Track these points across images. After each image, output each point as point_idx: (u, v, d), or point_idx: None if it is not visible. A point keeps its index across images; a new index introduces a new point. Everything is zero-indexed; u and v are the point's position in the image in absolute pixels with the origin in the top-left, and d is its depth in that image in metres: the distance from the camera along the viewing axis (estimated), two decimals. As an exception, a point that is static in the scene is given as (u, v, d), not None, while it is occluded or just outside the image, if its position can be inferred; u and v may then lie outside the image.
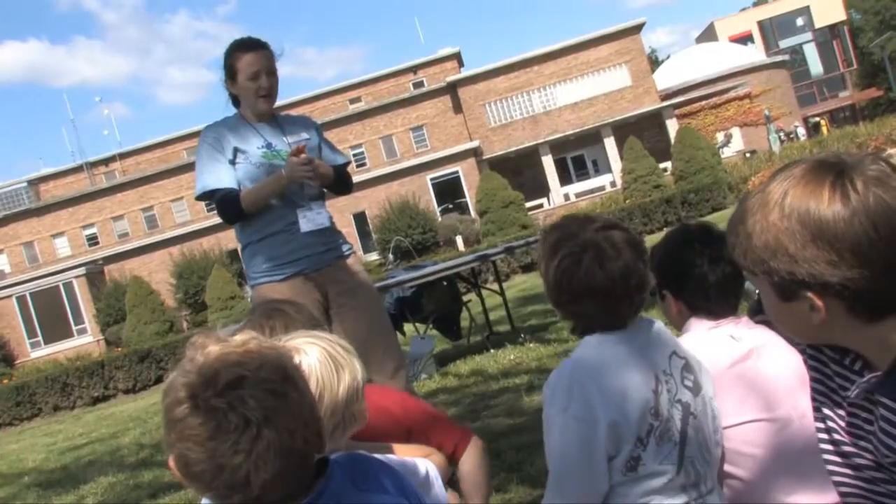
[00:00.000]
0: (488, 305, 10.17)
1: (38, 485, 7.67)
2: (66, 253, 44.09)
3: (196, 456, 1.30)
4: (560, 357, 6.68)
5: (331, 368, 1.88)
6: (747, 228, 1.46)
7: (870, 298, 1.39)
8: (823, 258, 1.37)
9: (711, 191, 25.96)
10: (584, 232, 2.03)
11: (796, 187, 1.41)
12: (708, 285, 2.30)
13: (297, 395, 1.36)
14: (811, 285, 1.40)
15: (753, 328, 2.32)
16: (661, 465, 1.99)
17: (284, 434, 1.32)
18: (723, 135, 41.36)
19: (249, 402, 1.30)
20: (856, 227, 1.34)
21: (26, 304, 37.66)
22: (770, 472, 2.16)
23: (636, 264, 2.01)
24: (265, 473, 1.32)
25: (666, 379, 2.03)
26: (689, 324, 2.37)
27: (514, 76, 42.89)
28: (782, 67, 49.13)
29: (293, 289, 3.77)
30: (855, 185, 1.36)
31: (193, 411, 1.30)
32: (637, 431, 1.96)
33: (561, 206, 37.96)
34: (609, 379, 1.99)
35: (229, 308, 28.24)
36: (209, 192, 3.82)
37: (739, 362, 2.23)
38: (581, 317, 2.09)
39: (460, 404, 6.05)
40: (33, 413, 22.30)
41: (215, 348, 1.35)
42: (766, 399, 2.19)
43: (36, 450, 11.31)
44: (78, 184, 50.40)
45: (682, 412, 2.04)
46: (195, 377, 1.32)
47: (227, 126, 3.89)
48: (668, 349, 2.10)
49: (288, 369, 1.38)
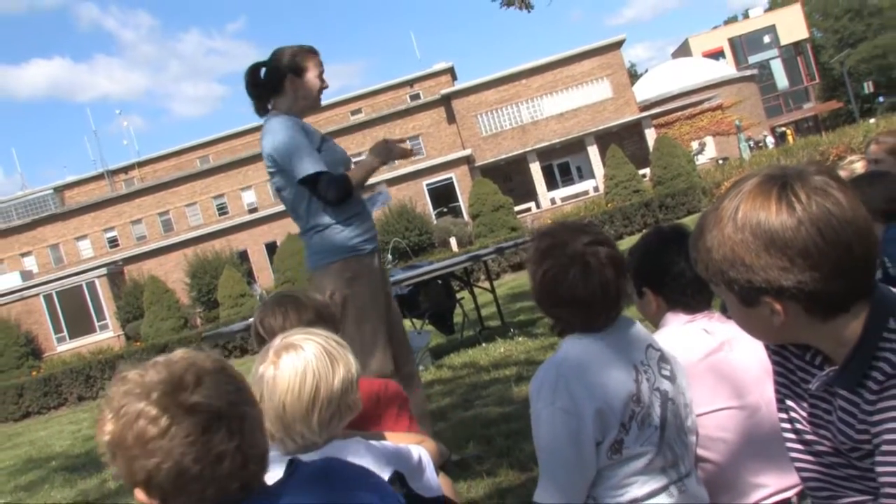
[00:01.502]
0: (480, 302, 10.18)
1: (64, 469, 7.66)
2: (89, 254, 44.01)
3: (193, 457, 1.26)
4: (546, 350, 6.69)
5: (326, 362, 1.89)
6: (706, 243, 1.48)
7: (822, 299, 1.41)
8: (776, 265, 1.39)
9: (687, 195, 25.96)
10: (574, 243, 2.05)
11: (746, 202, 1.43)
12: (685, 281, 2.31)
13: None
14: (768, 291, 1.42)
15: (725, 322, 2.33)
16: (643, 447, 2.01)
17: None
18: (697, 143, 41.38)
19: (214, 395, 1.30)
20: (803, 234, 1.37)
21: (53, 302, 37.58)
22: (740, 455, 2.17)
23: (616, 280, 2.05)
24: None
25: (644, 369, 2.05)
26: (666, 319, 2.38)
27: (503, 89, 42.87)
28: (751, 81, 49.21)
29: (375, 261, 3.98)
30: (798, 196, 1.39)
31: (176, 417, 1.26)
32: (621, 417, 1.98)
33: (547, 209, 37.95)
34: (592, 373, 2.01)
35: (239, 305, 28.16)
36: (318, 173, 3.83)
37: (712, 354, 2.24)
38: (561, 319, 2.13)
39: (454, 394, 6.04)
40: (59, 402, 22.34)
41: (147, 371, 1.32)
42: (736, 388, 2.20)
43: (62, 437, 11.28)
44: (99, 190, 50.30)
45: (661, 399, 2.05)
46: (160, 388, 1.28)
47: (297, 123, 3.95)
48: (645, 343, 2.13)
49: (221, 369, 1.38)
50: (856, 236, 1.37)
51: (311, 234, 3.94)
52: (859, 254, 1.39)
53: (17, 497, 6.76)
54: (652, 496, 2.02)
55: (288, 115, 3.94)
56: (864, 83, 68.51)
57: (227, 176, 44.22)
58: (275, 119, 3.93)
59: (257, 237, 39.42)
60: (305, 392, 1.86)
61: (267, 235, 38.78)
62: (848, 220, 1.37)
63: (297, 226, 4.05)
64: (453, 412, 5.31)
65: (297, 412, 1.87)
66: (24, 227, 44.94)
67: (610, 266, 2.03)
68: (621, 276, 2.06)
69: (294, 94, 3.96)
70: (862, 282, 1.42)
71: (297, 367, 1.87)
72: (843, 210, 1.38)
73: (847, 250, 1.37)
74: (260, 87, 4.01)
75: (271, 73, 3.97)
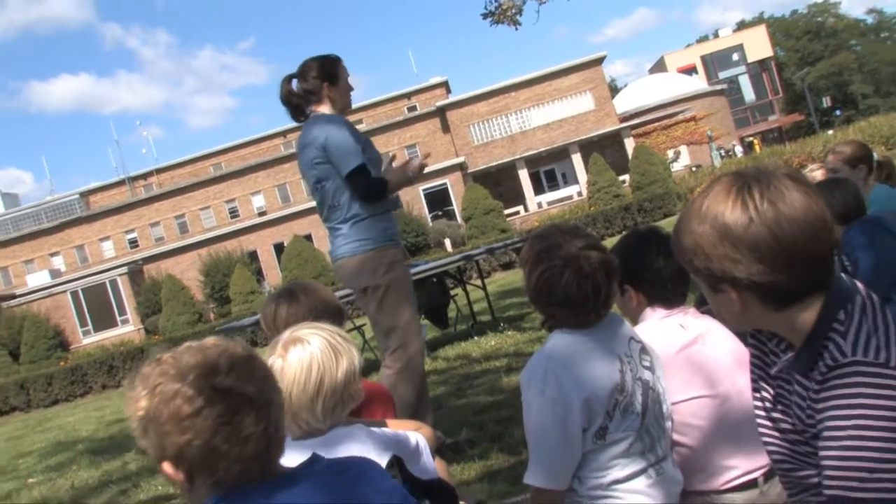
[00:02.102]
0: (472, 299, 10.18)
1: (90, 451, 7.64)
2: (112, 254, 43.88)
3: (222, 437, 1.26)
4: (534, 343, 6.68)
5: (331, 355, 1.90)
6: (680, 235, 1.52)
7: (773, 290, 1.44)
8: (729, 256, 1.43)
9: (663, 199, 26.02)
10: (568, 246, 2.04)
11: (711, 197, 1.47)
12: (664, 277, 2.32)
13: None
14: (725, 279, 1.46)
15: (699, 317, 2.34)
16: (624, 432, 2.01)
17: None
18: (672, 152, 41.37)
19: (245, 380, 1.30)
20: (753, 231, 1.40)
21: (79, 298, 37.47)
22: (712, 440, 2.17)
23: (607, 283, 2.04)
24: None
25: (628, 360, 2.06)
26: (645, 314, 2.38)
27: (494, 101, 42.82)
28: (721, 95, 49.22)
29: (400, 254, 4.05)
30: (753, 196, 1.42)
31: (210, 399, 1.26)
32: (606, 406, 1.98)
33: (535, 213, 37.91)
34: (579, 365, 2.01)
35: (249, 301, 28.18)
36: (363, 170, 3.92)
37: (687, 347, 2.24)
38: (553, 317, 2.12)
39: (448, 384, 6.03)
40: (85, 391, 22.37)
41: (182, 355, 1.31)
42: (709, 378, 2.20)
43: (88, 422, 11.27)
44: (121, 195, 50.16)
45: (642, 388, 2.06)
46: (196, 371, 1.28)
47: (348, 123, 4.09)
48: (627, 336, 2.13)
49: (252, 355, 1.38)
50: (804, 236, 1.39)
51: (350, 223, 3.96)
52: (808, 252, 1.41)
53: (48, 476, 6.75)
54: (632, 478, 2.03)
55: (336, 114, 4.09)
56: (822, 98, 69.09)
57: (238, 182, 44.13)
58: (327, 117, 4.05)
59: (266, 238, 39.34)
60: (311, 383, 1.86)
61: (275, 237, 38.71)
62: (798, 220, 1.39)
63: (329, 217, 4.05)
64: (447, 400, 5.30)
65: (302, 401, 1.87)
66: (52, 229, 44.82)
67: (601, 270, 2.03)
68: (612, 279, 2.06)
69: (331, 100, 4.08)
70: (812, 277, 1.44)
71: (303, 360, 1.87)
72: (794, 211, 1.40)
73: (794, 248, 1.39)
74: (296, 96, 4.09)
75: (311, 82, 4.06)
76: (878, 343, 1.38)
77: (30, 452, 9.06)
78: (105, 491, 5.40)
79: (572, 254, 2.03)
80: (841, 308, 1.44)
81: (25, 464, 8.10)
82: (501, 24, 10.80)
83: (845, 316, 1.43)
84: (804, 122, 65.65)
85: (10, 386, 23.02)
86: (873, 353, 1.37)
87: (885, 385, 1.34)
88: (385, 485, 1.52)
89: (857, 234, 3.83)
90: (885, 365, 1.36)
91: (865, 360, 1.37)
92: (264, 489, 1.32)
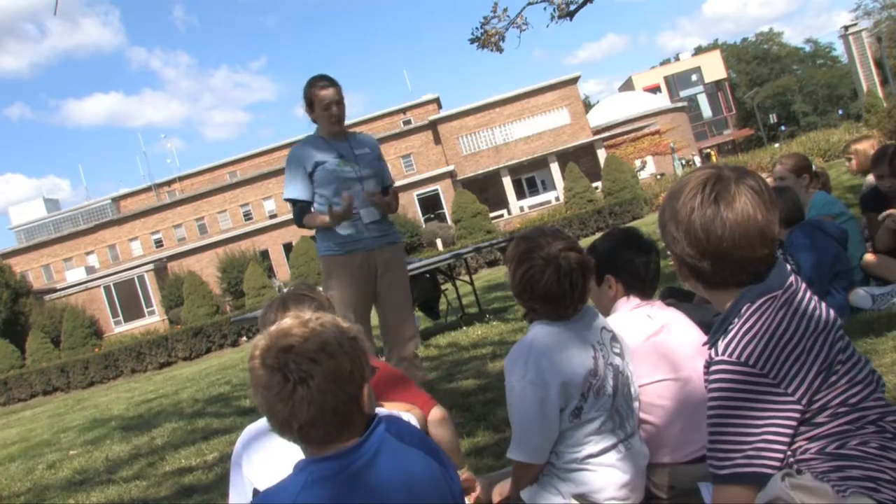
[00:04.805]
0: (461, 293, 10.16)
1: (121, 428, 7.61)
2: (139, 253, 43.72)
3: (258, 400, 1.38)
4: (517, 333, 6.67)
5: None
6: (663, 207, 1.58)
7: (698, 272, 1.52)
8: (671, 234, 1.52)
9: (632, 204, 26.05)
10: (549, 247, 2.04)
11: (679, 184, 1.54)
12: (640, 270, 2.37)
13: (331, 364, 1.36)
14: (674, 254, 1.55)
15: (665, 309, 2.37)
16: (597, 412, 2.02)
17: (316, 392, 1.34)
18: (639, 161, 41.46)
19: (290, 365, 1.34)
20: (692, 220, 1.47)
21: (111, 292, 37.34)
22: (675, 418, 2.18)
23: (584, 281, 2.05)
24: (300, 419, 1.35)
25: (600, 348, 2.06)
26: (617, 305, 2.40)
27: (480, 116, 42.80)
28: (682, 111, 49.33)
29: (352, 261, 3.97)
30: (706, 192, 1.46)
31: (259, 367, 1.36)
32: (581, 388, 1.99)
33: (517, 216, 37.90)
34: (557, 352, 2.01)
35: (261, 295, 28.07)
36: (292, 199, 4.02)
37: (654, 335, 2.25)
38: (535, 310, 2.12)
39: (439, 369, 6.02)
40: (116, 374, 22.39)
41: (287, 321, 1.41)
42: (672, 363, 2.21)
43: (119, 402, 11.21)
44: (148, 200, 49.95)
45: (613, 372, 2.06)
46: (265, 342, 1.38)
47: (311, 143, 4.01)
48: (600, 326, 2.13)
49: (329, 344, 1.38)
50: (732, 241, 1.44)
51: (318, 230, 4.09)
52: (734, 255, 1.45)
53: (86, 449, 6.74)
54: (603, 452, 2.03)
55: (315, 135, 4.07)
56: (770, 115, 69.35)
57: (251, 188, 44.00)
58: (300, 142, 4.10)
59: (276, 239, 39.24)
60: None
61: (285, 237, 38.62)
62: (732, 227, 1.43)
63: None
64: (438, 384, 5.28)
65: None
66: (87, 230, 44.67)
67: (579, 269, 2.04)
68: (588, 277, 2.07)
69: (316, 122, 4.05)
70: (733, 276, 1.49)
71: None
72: (734, 217, 1.43)
73: (719, 247, 1.45)
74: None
75: (305, 111, 4.06)
76: (752, 345, 1.42)
77: (70, 428, 9.02)
78: (135, 463, 5.38)
79: (553, 254, 2.03)
80: (748, 302, 1.47)
81: (67, 438, 8.09)
82: (486, 48, 10.81)
83: (745, 312, 1.46)
84: (754, 136, 66.16)
85: (52, 370, 23.29)
86: (738, 353, 1.42)
87: (741, 380, 1.42)
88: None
89: (798, 236, 3.86)
90: (744, 364, 1.41)
91: (730, 360, 1.43)
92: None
